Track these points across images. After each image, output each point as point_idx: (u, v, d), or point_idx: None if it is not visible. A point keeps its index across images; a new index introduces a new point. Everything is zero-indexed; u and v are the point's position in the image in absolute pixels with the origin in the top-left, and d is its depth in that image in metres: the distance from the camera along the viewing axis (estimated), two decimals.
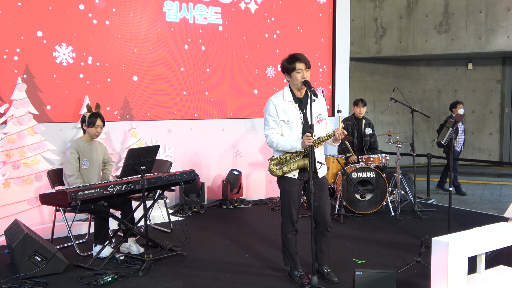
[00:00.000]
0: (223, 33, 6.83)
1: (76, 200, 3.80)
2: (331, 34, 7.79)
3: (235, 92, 7.02)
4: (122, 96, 6.12)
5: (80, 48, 5.79)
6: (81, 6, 5.74)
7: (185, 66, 6.55)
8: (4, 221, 4.80)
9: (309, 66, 3.72)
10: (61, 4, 5.63)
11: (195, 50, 6.62)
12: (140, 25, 6.19)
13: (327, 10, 7.72)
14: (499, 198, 7.89)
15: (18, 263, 3.85)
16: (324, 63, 7.78)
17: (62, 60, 5.69)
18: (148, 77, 6.29)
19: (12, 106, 5.16)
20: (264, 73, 7.23)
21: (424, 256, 4.14)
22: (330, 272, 3.88)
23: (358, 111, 6.57)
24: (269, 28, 7.20)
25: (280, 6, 7.28)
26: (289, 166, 3.72)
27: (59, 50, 5.66)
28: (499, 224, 3.53)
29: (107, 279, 3.79)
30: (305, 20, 7.51)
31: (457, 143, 8.03)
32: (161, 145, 6.00)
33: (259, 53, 7.15)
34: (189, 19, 6.55)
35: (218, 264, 4.32)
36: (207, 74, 6.76)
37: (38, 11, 5.51)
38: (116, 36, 6.02)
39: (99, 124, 4.67)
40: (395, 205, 6.16)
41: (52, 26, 5.60)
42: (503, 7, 9.86)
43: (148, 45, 6.26)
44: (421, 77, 12.18)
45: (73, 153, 4.56)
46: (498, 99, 11.65)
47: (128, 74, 6.14)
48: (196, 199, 6.35)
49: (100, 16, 5.89)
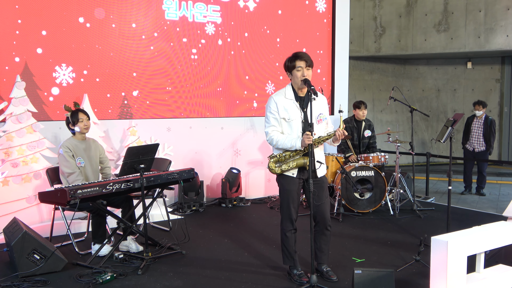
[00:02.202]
0: (222, 31, 6.82)
1: (75, 198, 3.80)
2: (331, 33, 7.78)
3: (234, 90, 7.01)
4: (121, 94, 6.11)
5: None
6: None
7: (184, 64, 6.54)
8: (3, 219, 4.80)
9: (310, 64, 3.71)
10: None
11: (194, 48, 6.61)
12: (140, 23, 6.18)
13: (327, 9, 7.70)
14: (498, 197, 7.90)
15: (17, 261, 3.84)
16: (323, 63, 7.77)
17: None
18: (147, 72, 6.27)
19: (11, 104, 5.15)
20: (266, 72, 7.22)
21: (423, 255, 4.14)
22: (329, 271, 3.89)
23: (361, 114, 6.53)
24: (268, 25, 7.19)
25: (280, 6, 7.26)
26: (289, 164, 3.72)
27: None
28: (498, 223, 3.53)
29: (106, 277, 3.79)
30: (305, 20, 7.50)
31: (470, 143, 7.88)
32: (160, 144, 5.99)
33: (259, 49, 7.14)
34: (189, 17, 6.54)
35: (217, 263, 4.32)
36: (207, 72, 6.75)
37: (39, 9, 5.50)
38: (114, 34, 6.01)
39: (82, 117, 4.60)
40: (394, 204, 6.16)
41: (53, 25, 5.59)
42: (502, 6, 9.86)
43: (148, 43, 6.25)
44: (420, 76, 12.19)
45: (66, 151, 4.51)
46: (497, 98, 11.66)
47: (128, 72, 6.13)
48: (195, 197, 6.35)
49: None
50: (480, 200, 7.62)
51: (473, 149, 7.88)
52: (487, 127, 7.72)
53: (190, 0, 6.53)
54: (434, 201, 7.11)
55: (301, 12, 7.47)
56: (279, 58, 7.22)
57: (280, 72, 7.23)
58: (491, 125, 7.72)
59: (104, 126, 5.92)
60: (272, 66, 7.26)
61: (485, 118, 7.78)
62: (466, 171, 8.06)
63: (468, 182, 8.07)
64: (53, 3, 5.59)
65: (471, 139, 7.88)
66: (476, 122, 7.85)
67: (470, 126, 7.92)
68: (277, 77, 7.29)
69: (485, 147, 7.78)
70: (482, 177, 7.93)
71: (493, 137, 7.76)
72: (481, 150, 7.82)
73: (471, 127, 7.91)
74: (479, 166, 7.94)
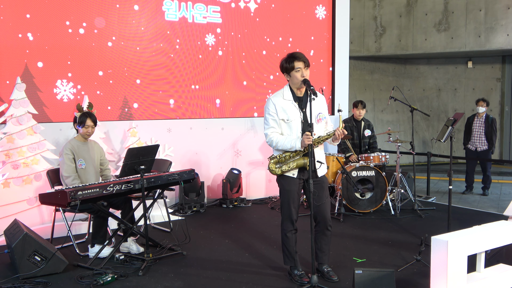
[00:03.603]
0: (222, 32, 6.82)
1: (75, 199, 3.80)
2: (331, 33, 7.77)
3: (235, 91, 7.01)
4: (122, 95, 6.11)
5: None
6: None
7: (184, 65, 6.55)
8: (4, 221, 4.80)
9: (308, 64, 3.71)
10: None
11: (194, 49, 6.62)
12: (140, 24, 6.19)
13: (327, 10, 7.70)
14: (499, 196, 7.89)
15: (18, 263, 3.84)
16: (323, 62, 7.77)
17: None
18: (147, 68, 6.28)
19: (11, 106, 5.15)
20: (265, 72, 7.22)
21: (424, 255, 4.14)
22: (330, 271, 3.88)
23: (357, 113, 6.54)
24: (268, 27, 7.19)
25: (280, 5, 7.26)
26: (289, 165, 3.71)
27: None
28: (498, 222, 3.53)
29: (107, 279, 3.79)
30: (305, 20, 7.50)
31: (471, 142, 7.84)
32: (161, 145, 6.00)
33: (260, 50, 7.14)
34: (188, 18, 6.55)
35: (218, 263, 4.32)
36: (207, 73, 6.75)
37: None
38: (116, 34, 6.01)
39: (89, 124, 4.62)
40: (395, 204, 6.16)
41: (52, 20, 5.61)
42: (502, 5, 9.85)
43: (147, 44, 6.25)
44: (421, 75, 12.18)
45: (67, 154, 4.53)
46: (498, 98, 11.64)
47: (128, 72, 6.13)
48: (196, 198, 6.35)
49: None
50: (481, 199, 7.61)
51: (475, 148, 7.84)
52: (488, 126, 7.69)
53: (190, 1, 6.54)
54: (435, 200, 7.11)
55: (301, 12, 7.47)
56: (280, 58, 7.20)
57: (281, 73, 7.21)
58: (492, 124, 7.70)
59: (104, 127, 5.92)
60: (272, 65, 7.26)
61: (485, 117, 7.76)
62: (468, 170, 8.02)
63: (470, 181, 8.05)
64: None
65: (473, 139, 7.85)
66: (477, 121, 7.82)
67: (471, 125, 7.89)
68: (278, 77, 7.29)
69: (487, 146, 7.75)
70: (486, 177, 7.90)
71: (494, 136, 7.72)
72: (483, 149, 7.78)
73: (472, 126, 7.87)
74: (482, 166, 7.90)
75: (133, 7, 6.13)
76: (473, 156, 7.90)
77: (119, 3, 6.04)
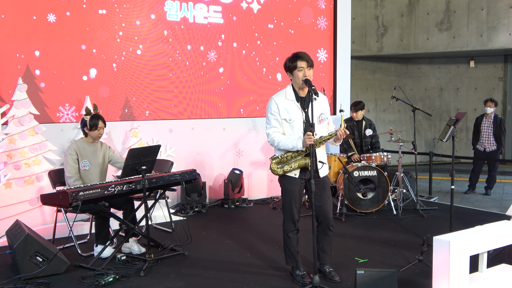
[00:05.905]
0: (224, 32, 6.82)
1: (77, 200, 3.80)
2: (332, 33, 7.77)
3: (236, 91, 7.00)
4: (123, 96, 6.11)
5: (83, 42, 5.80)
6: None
7: (185, 65, 6.54)
8: (6, 222, 4.80)
9: (311, 64, 3.70)
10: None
11: (195, 49, 6.61)
12: (141, 24, 6.19)
13: (329, 10, 7.70)
14: (502, 196, 7.87)
15: (20, 264, 3.85)
16: (325, 62, 7.76)
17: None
18: (148, 69, 6.27)
19: (13, 107, 5.16)
20: (268, 72, 7.22)
21: (426, 255, 4.12)
22: (332, 271, 3.88)
23: (354, 115, 6.56)
24: (271, 25, 7.18)
25: (281, 6, 7.26)
26: (290, 165, 3.71)
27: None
28: (501, 222, 3.52)
29: (108, 279, 3.79)
30: (305, 21, 7.49)
31: (480, 143, 7.79)
32: (162, 145, 6.00)
33: (260, 49, 7.13)
34: (189, 18, 6.54)
35: (219, 264, 4.32)
36: (208, 73, 6.74)
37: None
38: (117, 34, 6.02)
39: (101, 126, 4.65)
40: (397, 204, 6.15)
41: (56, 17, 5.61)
42: (504, 5, 9.83)
43: (149, 45, 6.25)
44: (423, 75, 12.16)
45: (71, 154, 4.54)
46: (500, 97, 11.61)
47: (129, 73, 6.13)
48: (197, 198, 6.35)
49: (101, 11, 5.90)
50: (483, 199, 7.59)
51: (484, 149, 7.78)
52: (497, 126, 7.63)
53: (191, 1, 6.54)
54: (437, 200, 7.09)
55: (302, 13, 7.46)
56: (281, 58, 7.20)
57: (282, 73, 7.21)
58: (501, 124, 7.65)
59: (106, 128, 5.88)
60: (274, 66, 7.26)
61: (494, 117, 7.70)
62: (475, 170, 7.96)
63: (474, 181, 8.01)
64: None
65: (482, 139, 7.79)
66: (485, 121, 7.76)
67: (480, 126, 7.82)
68: (278, 77, 7.28)
69: (496, 146, 7.69)
70: (491, 177, 7.86)
71: (503, 136, 7.67)
72: (492, 149, 7.72)
73: (480, 127, 7.80)
74: (490, 167, 7.85)
75: (135, 7, 6.13)
76: (483, 156, 7.83)
77: (119, 3, 6.04)
